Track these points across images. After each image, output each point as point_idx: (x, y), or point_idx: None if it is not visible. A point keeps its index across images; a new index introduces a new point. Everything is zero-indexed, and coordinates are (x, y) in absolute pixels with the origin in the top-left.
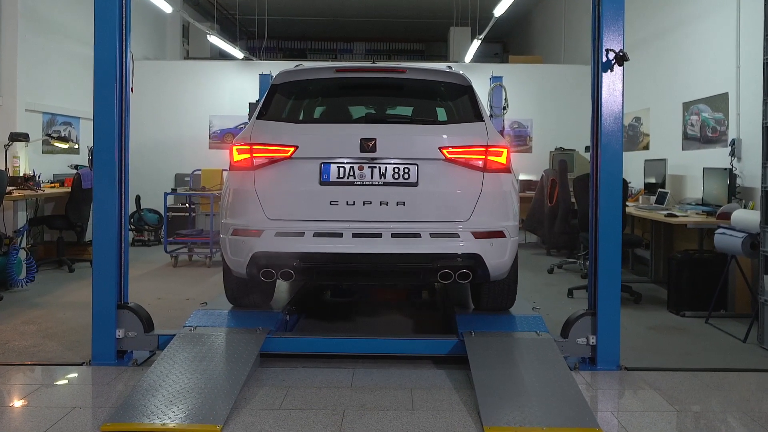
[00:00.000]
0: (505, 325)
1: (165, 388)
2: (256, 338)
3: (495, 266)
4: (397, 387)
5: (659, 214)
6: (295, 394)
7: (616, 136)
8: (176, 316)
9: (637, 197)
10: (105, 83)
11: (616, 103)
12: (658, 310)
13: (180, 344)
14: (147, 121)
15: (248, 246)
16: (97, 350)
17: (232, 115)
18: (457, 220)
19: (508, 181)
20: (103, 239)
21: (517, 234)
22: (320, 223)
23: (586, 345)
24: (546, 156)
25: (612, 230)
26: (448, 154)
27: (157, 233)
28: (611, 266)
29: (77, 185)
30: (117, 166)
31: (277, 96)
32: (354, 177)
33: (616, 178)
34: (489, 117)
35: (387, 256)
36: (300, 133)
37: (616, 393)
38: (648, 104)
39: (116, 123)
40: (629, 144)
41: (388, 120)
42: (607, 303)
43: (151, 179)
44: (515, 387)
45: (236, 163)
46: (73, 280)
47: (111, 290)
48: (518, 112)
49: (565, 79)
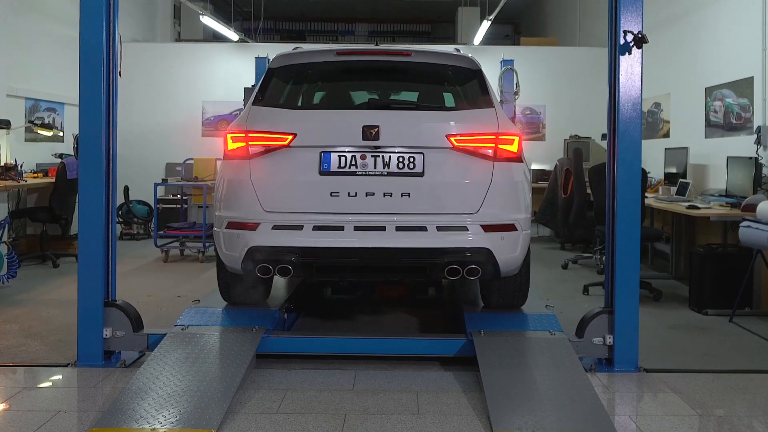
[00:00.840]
0: (517, 324)
1: (155, 390)
2: (252, 338)
3: (506, 261)
4: (402, 390)
5: (680, 206)
6: (294, 397)
7: (635, 123)
8: (167, 314)
9: (656, 188)
10: (91, 67)
11: (635, 88)
12: (679, 308)
13: (171, 344)
14: (136, 108)
15: (243, 240)
16: (83, 350)
17: (227, 101)
18: (465, 213)
19: (519, 171)
20: (90, 233)
21: (529, 227)
22: (320, 216)
23: (603, 345)
24: (560, 144)
25: (630, 223)
26: (455, 143)
27: (146, 226)
28: (629, 261)
29: (62, 175)
30: (104, 155)
31: (275, 80)
32: (356, 167)
33: (634, 168)
34: (499, 103)
35: (391, 250)
36: (298, 120)
37: (635, 396)
38: (668, 89)
39: (103, 109)
40: (648, 132)
41: (392, 106)
42: (625, 300)
43: (140, 169)
44: (527, 390)
45: (231, 151)
46: (57, 276)
47: (98, 287)
48: (530, 98)
49: (581, 62)
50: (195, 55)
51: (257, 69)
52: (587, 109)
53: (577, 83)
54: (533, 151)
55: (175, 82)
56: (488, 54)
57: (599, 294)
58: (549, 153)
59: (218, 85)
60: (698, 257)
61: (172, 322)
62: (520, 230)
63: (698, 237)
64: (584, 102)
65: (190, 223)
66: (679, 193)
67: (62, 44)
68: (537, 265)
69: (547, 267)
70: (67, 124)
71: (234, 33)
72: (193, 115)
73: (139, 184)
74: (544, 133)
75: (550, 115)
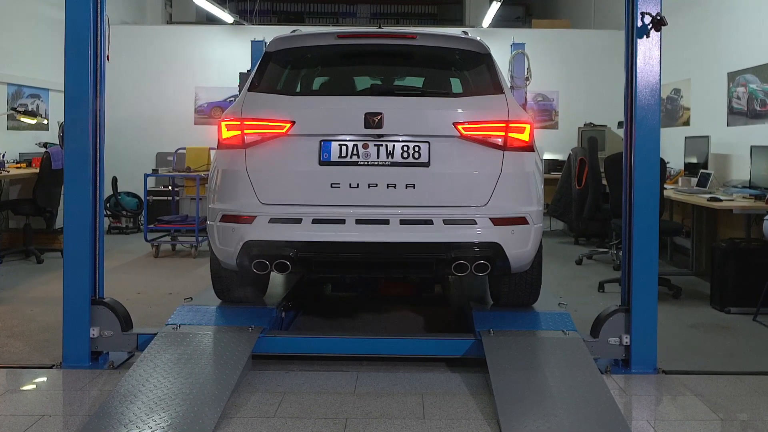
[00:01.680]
0: (528, 323)
1: (145, 393)
2: (248, 338)
3: (516, 257)
4: (407, 392)
5: (701, 198)
6: (292, 401)
7: (653, 110)
8: (158, 312)
9: (676, 179)
10: (77, 51)
11: (653, 73)
12: (699, 306)
13: (162, 344)
14: (125, 94)
15: (239, 234)
16: (69, 351)
17: (221, 87)
18: (473, 205)
19: (531, 161)
20: (76, 226)
21: (541, 220)
22: (320, 208)
23: (619, 345)
24: (574, 133)
25: (648, 216)
26: (463, 131)
27: (136, 220)
28: (647, 257)
29: (46, 166)
30: (91, 145)
31: (272, 65)
32: (358, 156)
33: (652, 158)
34: (510, 89)
35: (395, 245)
36: (297, 107)
37: (653, 399)
38: (688, 74)
39: (90, 96)
40: (667, 119)
41: (396, 92)
42: (643, 298)
43: (129, 159)
44: (539, 393)
45: (225, 140)
46: (41, 272)
47: (84, 284)
48: (543, 84)
49: (596, 46)
50: (187, 38)
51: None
52: (603, 96)
53: (592, 68)
54: (545, 140)
55: (167, 67)
56: (498, 37)
57: (615, 291)
58: (562, 142)
59: (212, 70)
60: (720, 252)
61: (163, 321)
62: (532, 224)
63: (720, 231)
64: (599, 88)
65: (182, 216)
66: (699, 185)
67: (47, 26)
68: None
69: (560, 263)
70: (51, 111)
71: (229, 15)
72: (185, 102)
73: (128, 175)
74: (556, 121)
75: (564, 102)
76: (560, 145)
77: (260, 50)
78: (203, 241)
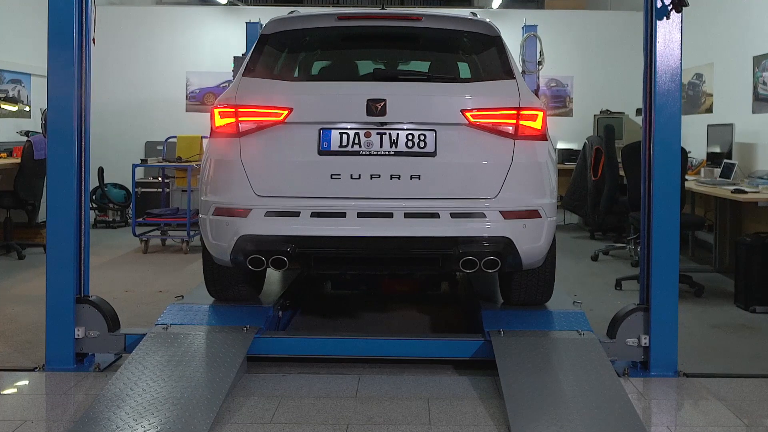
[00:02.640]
0: (541, 323)
1: (133, 398)
2: (243, 338)
3: (528, 252)
4: (411, 397)
5: (725, 190)
6: (289, 405)
7: (674, 96)
8: (147, 312)
9: (698, 170)
10: (61, 33)
11: (674, 57)
12: (723, 304)
13: (151, 346)
14: (112, 80)
15: (233, 228)
16: (52, 353)
17: (214, 72)
18: (482, 197)
19: (543, 151)
20: (59, 220)
21: (554, 214)
22: (319, 201)
23: (638, 346)
24: (589, 120)
25: (668, 209)
26: (472, 118)
27: (123, 213)
28: (667, 252)
29: (28, 155)
30: (76, 133)
31: (268, 48)
32: (359, 145)
33: (673, 147)
34: (521, 74)
35: (399, 240)
36: (295, 93)
37: (673, 404)
38: (711, 58)
39: (75, 81)
40: (689, 106)
41: (400, 77)
42: (663, 296)
43: (116, 148)
44: (552, 397)
45: (219, 128)
46: (23, 269)
47: (68, 281)
48: (556, 68)
49: (613, 28)
50: (178, 20)
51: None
52: (620, 81)
53: (609, 52)
54: (559, 128)
55: (156, 50)
56: (508, 18)
57: (633, 289)
58: (577, 130)
59: (204, 54)
60: (745, 247)
61: (153, 320)
62: (545, 217)
63: (745, 225)
64: (616, 73)
65: (173, 210)
66: (723, 176)
67: (28, 7)
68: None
69: (575, 258)
70: (33, 97)
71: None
72: (176, 87)
73: (115, 166)
74: (571, 108)
75: (579, 88)
76: (575, 134)
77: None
78: (195, 235)
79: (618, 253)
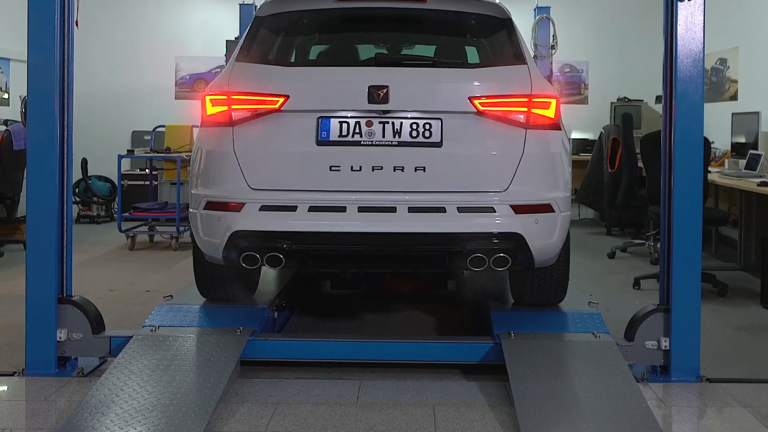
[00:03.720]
0: (554, 325)
1: (119, 405)
2: (236, 341)
3: (541, 249)
4: (416, 404)
5: (750, 183)
6: (286, 413)
7: (696, 83)
8: (133, 312)
9: (721, 161)
10: (42, 15)
11: (696, 41)
12: (749, 305)
13: (138, 349)
14: (96, 65)
15: (225, 223)
16: (33, 356)
17: (205, 56)
18: (492, 191)
19: (557, 141)
20: (40, 215)
21: (569, 208)
22: (317, 194)
23: (657, 350)
24: (606, 108)
25: (690, 203)
26: (480, 106)
27: (108, 207)
28: (689, 249)
29: (7, 146)
30: (58, 122)
31: (263, 31)
32: (360, 135)
33: (695, 137)
34: (533, 59)
35: (402, 235)
36: (292, 80)
37: (695, 411)
38: (736, 42)
39: (57, 67)
40: (712, 93)
41: (404, 62)
42: (684, 296)
43: (101, 138)
44: (566, 403)
45: (210, 117)
46: (1, 267)
47: (50, 280)
48: (570, 53)
49: (630, 9)
50: (167, 1)
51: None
52: (638, 67)
53: (626, 35)
54: (574, 116)
55: (144, 33)
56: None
57: (653, 288)
58: (593, 119)
59: (195, 38)
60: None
61: (140, 322)
62: (558, 212)
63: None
64: (634, 58)
65: (161, 204)
66: (749, 168)
67: None
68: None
69: (591, 256)
70: (12, 84)
71: None
72: (164, 73)
73: (99, 157)
74: (586, 95)
75: (594, 74)
76: (590, 123)
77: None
78: (185, 231)
79: (636, 250)
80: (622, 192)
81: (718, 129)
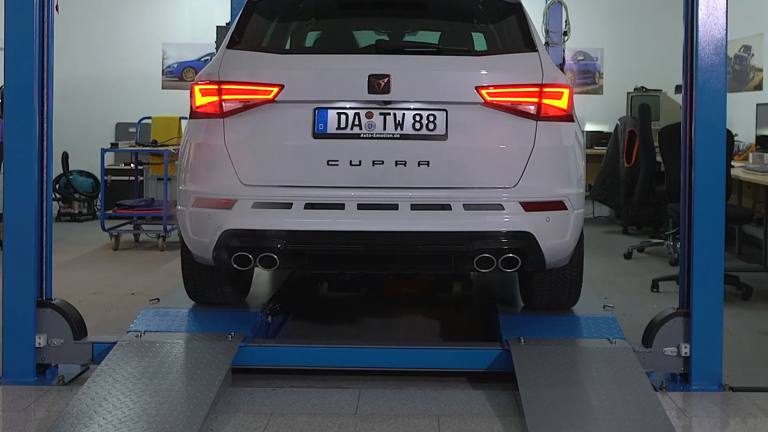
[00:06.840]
0: (566, 330)
1: (102, 415)
2: (227, 347)
3: (552, 249)
4: (419, 414)
5: None
6: (280, 424)
7: (718, 71)
8: (117, 317)
9: (746, 155)
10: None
11: (718, 27)
12: None
13: (123, 356)
14: (78, 53)
15: (216, 221)
16: (10, 364)
17: (194, 44)
18: (500, 187)
19: (570, 133)
20: (18, 213)
21: (582, 205)
22: (314, 191)
23: (677, 356)
24: (622, 99)
25: (712, 200)
26: (488, 96)
27: (91, 204)
28: (711, 249)
29: None
30: (37, 113)
31: (256, 17)
32: (360, 127)
33: (717, 129)
34: (544, 46)
35: (405, 235)
36: (286, 68)
37: (717, 422)
38: (761, 28)
39: (35, 55)
40: (735, 83)
41: (406, 50)
42: (706, 299)
43: (83, 131)
44: (579, 414)
45: (200, 108)
46: None
47: (28, 282)
48: (584, 40)
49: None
50: None
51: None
52: (656, 55)
53: (644, 21)
54: (588, 107)
55: (128, 19)
56: None
57: (672, 291)
58: (608, 110)
59: (183, 24)
60: None
61: (124, 327)
62: (571, 209)
63: None
64: (652, 45)
65: (147, 200)
66: None
67: None
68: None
69: (606, 256)
70: None
71: None
72: (151, 62)
73: (81, 151)
74: (601, 85)
75: (609, 62)
76: (605, 114)
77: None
78: (172, 230)
79: (654, 250)
80: (639, 188)
81: (742, 121)
